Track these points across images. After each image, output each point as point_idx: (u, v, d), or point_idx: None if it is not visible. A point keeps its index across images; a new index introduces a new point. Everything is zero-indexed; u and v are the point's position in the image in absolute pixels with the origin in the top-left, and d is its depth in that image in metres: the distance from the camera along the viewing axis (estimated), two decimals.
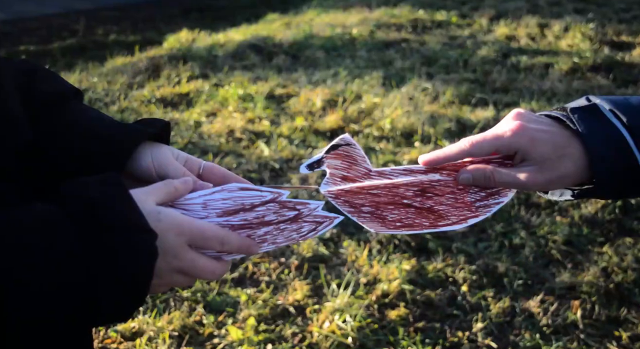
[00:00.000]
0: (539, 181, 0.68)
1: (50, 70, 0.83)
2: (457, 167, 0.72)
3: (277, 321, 1.97)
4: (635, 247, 2.32)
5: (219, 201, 0.67)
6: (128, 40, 6.26)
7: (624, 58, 4.36)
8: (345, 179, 0.72)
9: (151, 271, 0.58)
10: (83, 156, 0.74)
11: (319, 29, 5.24)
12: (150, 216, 0.59)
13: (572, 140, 0.68)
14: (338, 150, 0.72)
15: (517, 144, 0.68)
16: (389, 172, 0.72)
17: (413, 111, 3.42)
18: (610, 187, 0.67)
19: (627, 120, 0.66)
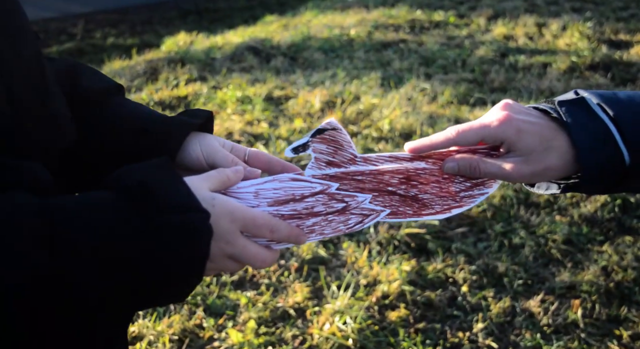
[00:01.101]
0: (524, 173, 0.67)
1: (91, 67, 0.84)
2: (443, 156, 0.72)
3: (277, 324, 1.97)
4: (635, 246, 2.32)
5: (270, 191, 0.69)
6: (126, 44, 6.26)
7: (622, 57, 4.36)
8: (330, 164, 0.71)
9: (207, 249, 0.58)
10: (132, 150, 0.76)
11: (316, 31, 5.24)
12: (204, 201, 0.60)
13: (559, 132, 0.68)
14: (324, 134, 0.71)
15: (503, 134, 0.68)
16: (375, 159, 0.72)
17: (412, 112, 3.42)
18: (596, 180, 0.67)
19: (614, 113, 0.66)
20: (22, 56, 0.64)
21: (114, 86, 0.83)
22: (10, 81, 0.60)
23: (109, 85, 0.82)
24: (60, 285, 0.52)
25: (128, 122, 0.78)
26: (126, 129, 0.77)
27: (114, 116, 0.79)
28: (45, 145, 0.66)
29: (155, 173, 0.59)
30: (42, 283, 0.51)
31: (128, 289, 0.55)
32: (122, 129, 0.77)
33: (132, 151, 0.76)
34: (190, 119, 0.78)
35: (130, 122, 0.78)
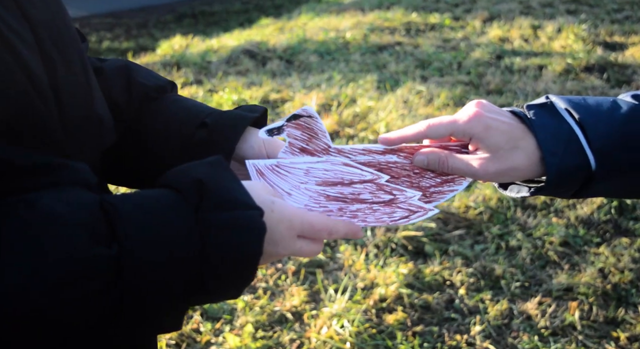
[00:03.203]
0: (490, 170, 0.68)
1: (143, 66, 0.86)
2: (415, 150, 0.73)
3: (274, 328, 1.96)
4: (631, 248, 2.32)
5: (320, 171, 0.71)
6: (121, 47, 6.25)
7: (617, 58, 4.38)
8: (303, 151, 0.72)
9: (260, 246, 0.59)
10: (191, 143, 0.77)
11: (312, 34, 5.24)
12: (263, 204, 0.60)
13: (527, 134, 0.69)
14: (299, 120, 0.71)
15: (472, 130, 0.69)
16: (348, 151, 0.72)
17: (408, 114, 3.42)
18: (561, 183, 0.68)
19: (580, 117, 0.67)
20: (68, 58, 0.65)
21: (168, 82, 0.85)
22: (56, 82, 0.61)
23: (163, 82, 0.84)
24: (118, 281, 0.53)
25: (186, 116, 0.80)
26: (184, 124, 0.79)
27: (171, 110, 0.81)
28: (89, 146, 0.67)
29: (210, 172, 0.60)
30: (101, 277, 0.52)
31: (181, 285, 0.56)
32: (181, 123, 0.79)
33: (190, 144, 0.77)
34: (247, 113, 0.79)
35: (188, 117, 0.79)
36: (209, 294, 0.59)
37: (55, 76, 0.61)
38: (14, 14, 0.58)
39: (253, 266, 0.59)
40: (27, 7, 0.60)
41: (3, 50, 0.54)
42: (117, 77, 0.81)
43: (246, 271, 0.60)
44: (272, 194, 0.65)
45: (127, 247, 0.53)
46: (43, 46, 0.60)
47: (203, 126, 0.78)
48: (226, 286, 0.60)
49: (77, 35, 0.71)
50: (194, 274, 0.56)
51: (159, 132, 0.79)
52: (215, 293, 0.60)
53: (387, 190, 0.71)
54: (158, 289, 0.55)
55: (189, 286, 0.56)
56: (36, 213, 0.52)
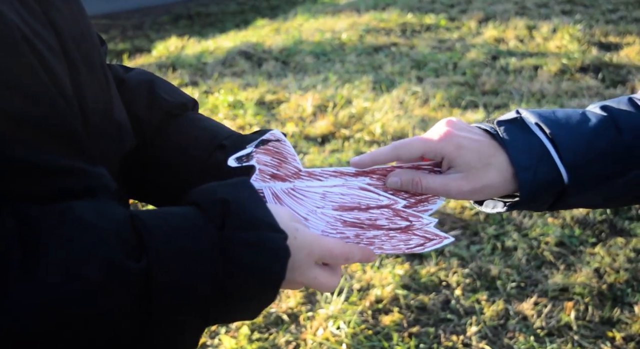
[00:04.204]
0: (464, 189, 0.68)
1: (167, 81, 0.86)
2: (387, 172, 0.72)
3: (270, 330, 1.96)
4: (626, 248, 2.33)
5: (337, 195, 0.70)
6: (117, 49, 6.24)
7: (612, 59, 4.39)
8: (274, 177, 0.71)
9: (283, 269, 0.59)
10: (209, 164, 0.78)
11: (308, 35, 5.24)
12: (288, 230, 0.61)
13: (499, 150, 0.68)
14: (268, 145, 0.70)
15: (443, 150, 0.69)
16: (319, 174, 0.72)
17: (403, 115, 3.42)
18: (535, 198, 0.68)
19: (551, 132, 0.67)
20: (90, 62, 0.65)
21: (190, 101, 0.85)
22: (79, 87, 0.61)
23: (186, 100, 0.85)
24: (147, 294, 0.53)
25: (205, 136, 0.80)
26: (204, 144, 0.79)
27: (191, 129, 0.81)
28: (110, 150, 0.68)
29: (237, 193, 0.60)
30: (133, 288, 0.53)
31: (204, 301, 0.56)
32: (200, 143, 0.79)
33: (208, 165, 0.78)
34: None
35: (208, 137, 0.80)
36: (228, 312, 0.59)
37: (78, 80, 0.61)
38: (39, 19, 0.58)
39: (275, 288, 0.60)
40: (52, 12, 0.60)
41: (29, 54, 0.54)
42: (140, 90, 0.81)
43: (267, 294, 0.60)
44: (295, 220, 0.65)
45: (155, 261, 0.53)
46: (67, 51, 0.61)
47: (221, 148, 0.78)
48: (246, 306, 0.60)
49: (97, 39, 0.72)
50: (216, 292, 0.56)
51: (178, 150, 0.79)
52: (234, 312, 0.60)
53: (404, 216, 0.70)
54: (183, 303, 0.55)
55: (211, 303, 0.57)
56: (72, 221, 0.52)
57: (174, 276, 0.54)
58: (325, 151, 3.08)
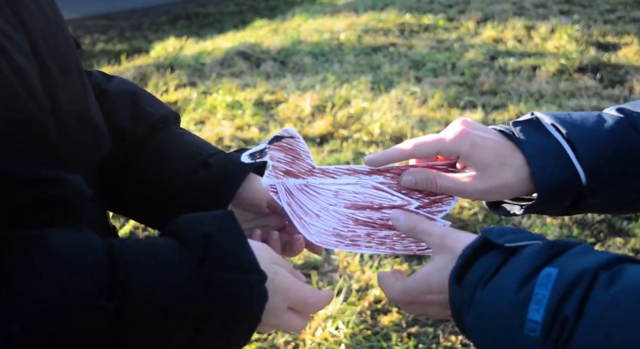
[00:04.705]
0: (479, 188, 0.67)
1: (149, 93, 0.86)
2: (401, 171, 0.71)
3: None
4: (625, 247, 2.33)
5: (350, 193, 0.70)
6: (115, 49, 6.24)
7: (610, 59, 4.39)
8: (287, 174, 0.70)
9: (260, 312, 0.59)
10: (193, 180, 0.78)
11: (306, 35, 5.24)
12: (268, 272, 0.60)
13: (515, 151, 0.68)
14: (282, 142, 0.70)
15: (459, 148, 0.68)
16: (333, 171, 0.71)
17: (402, 115, 3.42)
18: (552, 198, 0.67)
19: (567, 132, 0.66)
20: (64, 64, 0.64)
21: (173, 114, 0.85)
22: (52, 89, 0.60)
23: (168, 113, 0.84)
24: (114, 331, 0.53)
25: (190, 151, 0.80)
26: (188, 159, 0.79)
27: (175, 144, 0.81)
28: (86, 155, 0.67)
29: (220, 227, 0.60)
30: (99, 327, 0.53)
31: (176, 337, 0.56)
32: (185, 158, 0.79)
33: (193, 181, 0.78)
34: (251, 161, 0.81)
35: (192, 153, 0.80)
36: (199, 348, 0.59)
37: (50, 81, 0.60)
38: (10, 20, 0.58)
39: (251, 331, 0.60)
40: (24, 13, 0.60)
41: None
42: (123, 101, 0.80)
43: (241, 335, 0.60)
44: (274, 262, 0.65)
45: (130, 298, 0.53)
46: (39, 53, 0.60)
47: (207, 165, 0.78)
48: (220, 345, 0.60)
49: (73, 42, 0.71)
50: (190, 331, 0.56)
51: (162, 164, 0.79)
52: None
53: None
54: (155, 336, 0.55)
55: (184, 340, 0.57)
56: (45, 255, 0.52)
57: (149, 312, 0.54)
58: (324, 151, 3.08)
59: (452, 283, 0.58)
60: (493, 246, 0.57)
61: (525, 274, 0.53)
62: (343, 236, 0.69)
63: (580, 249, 0.55)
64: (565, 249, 0.55)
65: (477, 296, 0.55)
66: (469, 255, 0.58)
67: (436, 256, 0.63)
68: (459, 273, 0.57)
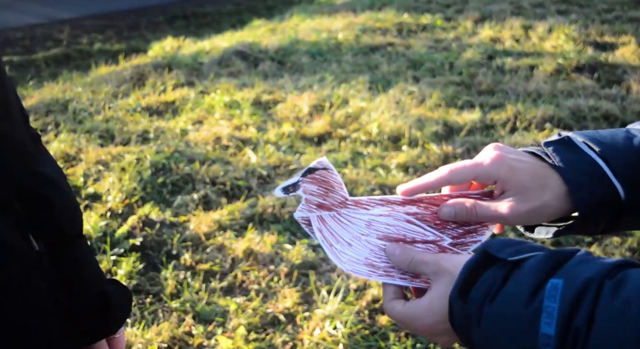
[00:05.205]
0: (521, 211, 0.66)
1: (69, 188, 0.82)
2: (435, 201, 0.70)
3: (267, 330, 1.96)
4: (622, 247, 2.33)
5: (383, 225, 0.69)
6: (113, 49, 6.23)
7: (607, 58, 4.40)
8: (321, 207, 0.69)
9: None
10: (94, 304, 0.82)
11: (304, 35, 5.24)
12: None
13: (550, 171, 0.67)
14: (315, 174, 0.68)
15: (497, 173, 0.67)
16: (366, 202, 0.70)
17: (400, 115, 3.42)
18: (592, 215, 0.66)
19: (600, 150, 0.66)
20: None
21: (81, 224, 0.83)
22: None
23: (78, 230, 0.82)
24: None
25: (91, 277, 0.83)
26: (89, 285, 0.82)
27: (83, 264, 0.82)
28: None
29: None
30: None
31: None
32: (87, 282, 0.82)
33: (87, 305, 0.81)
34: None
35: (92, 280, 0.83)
36: None
37: None
38: None
39: None
40: None
41: None
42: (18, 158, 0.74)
43: None
44: None
45: None
46: None
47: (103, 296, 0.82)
48: None
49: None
50: None
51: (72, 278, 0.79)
52: None
53: (451, 253, 0.69)
54: None
55: None
56: None
57: None
58: (322, 151, 3.08)
59: (455, 298, 0.57)
60: (494, 259, 0.57)
61: (532, 287, 0.53)
62: (376, 266, 0.68)
63: (581, 257, 0.55)
64: (567, 259, 0.55)
65: (485, 310, 0.55)
66: (471, 269, 0.57)
67: (435, 283, 0.62)
68: (462, 289, 0.57)
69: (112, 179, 2.73)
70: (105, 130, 3.30)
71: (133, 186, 2.67)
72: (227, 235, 2.40)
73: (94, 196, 2.66)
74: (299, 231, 2.45)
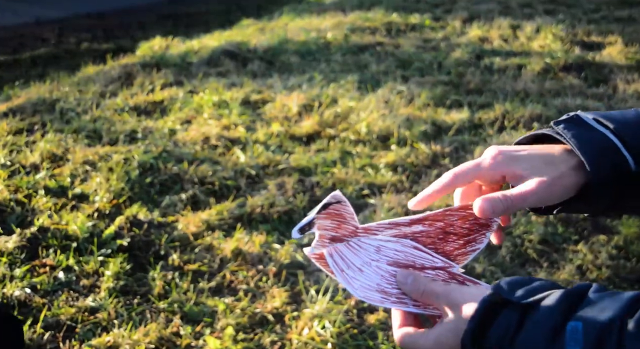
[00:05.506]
0: (545, 183, 0.65)
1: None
2: (438, 217, 0.71)
3: (255, 330, 1.95)
4: (609, 245, 2.35)
5: (391, 250, 0.69)
6: (101, 48, 6.19)
7: (594, 58, 4.43)
8: (333, 240, 0.69)
9: None
10: None
11: (293, 34, 5.23)
12: None
13: (558, 148, 0.67)
14: (329, 209, 0.69)
15: (501, 167, 0.67)
16: (375, 228, 0.71)
17: (389, 114, 3.43)
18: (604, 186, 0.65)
19: (611, 125, 0.66)
20: None
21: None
22: None
23: None
24: None
25: None
26: None
27: None
28: None
29: None
30: None
31: None
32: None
33: None
34: None
35: None
36: None
37: None
38: None
39: None
40: None
41: None
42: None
43: None
44: None
45: None
46: None
47: None
48: None
49: None
50: None
51: None
52: None
53: (460, 280, 0.69)
54: None
55: None
56: None
57: None
58: (311, 151, 3.08)
59: (469, 345, 0.56)
60: (506, 302, 0.56)
61: (551, 331, 0.52)
62: (388, 293, 0.68)
63: (596, 294, 0.54)
64: (581, 297, 0.54)
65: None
66: (483, 313, 0.56)
67: (445, 316, 0.61)
68: (476, 333, 0.56)
69: (99, 179, 2.72)
70: (92, 130, 3.28)
71: (121, 186, 2.65)
72: (215, 235, 2.39)
73: (81, 196, 2.65)
74: (287, 231, 2.44)
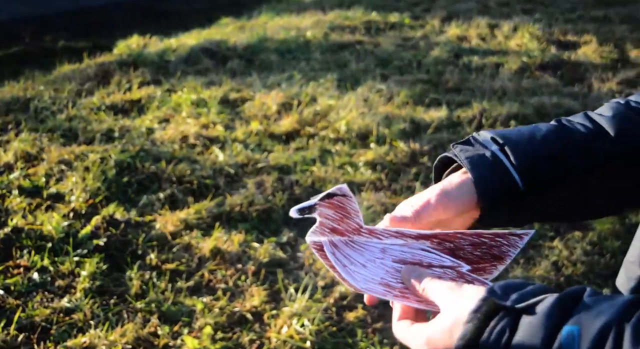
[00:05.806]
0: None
1: None
2: (449, 237, 0.70)
3: (234, 329, 1.94)
4: (583, 241, 2.38)
5: (397, 251, 0.69)
6: (78, 46, 6.10)
7: (570, 57, 4.49)
8: (334, 231, 0.69)
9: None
10: None
11: (273, 32, 5.21)
12: None
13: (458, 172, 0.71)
14: (332, 199, 0.68)
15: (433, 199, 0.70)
16: (380, 232, 0.69)
17: (368, 113, 3.43)
18: (494, 204, 0.69)
19: (502, 142, 0.70)
20: None
21: None
22: None
23: None
24: None
25: None
26: None
27: None
28: None
29: None
30: None
31: None
32: None
33: None
34: None
35: None
36: None
37: None
38: None
39: None
40: None
41: None
42: None
43: None
44: None
45: None
46: None
47: None
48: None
49: None
50: None
51: None
52: None
53: (469, 279, 0.67)
54: None
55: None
56: None
57: None
58: (290, 149, 3.07)
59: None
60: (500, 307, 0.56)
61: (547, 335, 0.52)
62: (392, 287, 0.67)
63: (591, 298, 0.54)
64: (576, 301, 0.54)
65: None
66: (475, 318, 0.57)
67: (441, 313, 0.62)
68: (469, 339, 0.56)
69: (75, 179, 2.68)
70: (68, 129, 3.23)
71: (97, 186, 2.62)
72: (193, 234, 2.37)
73: (56, 196, 2.61)
74: (266, 229, 2.44)
